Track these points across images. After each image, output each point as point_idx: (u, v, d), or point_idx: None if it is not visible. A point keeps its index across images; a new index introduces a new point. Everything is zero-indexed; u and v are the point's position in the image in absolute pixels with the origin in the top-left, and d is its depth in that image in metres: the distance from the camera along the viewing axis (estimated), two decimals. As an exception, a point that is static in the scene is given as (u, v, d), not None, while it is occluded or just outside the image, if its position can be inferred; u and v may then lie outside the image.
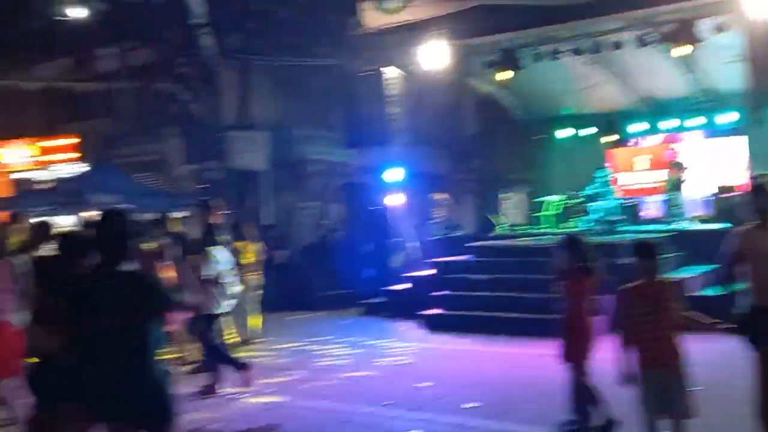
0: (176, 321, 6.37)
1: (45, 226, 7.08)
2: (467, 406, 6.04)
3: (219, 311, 6.76)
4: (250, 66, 17.55)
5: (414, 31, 13.74)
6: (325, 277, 14.29)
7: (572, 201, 15.23)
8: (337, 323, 11.56)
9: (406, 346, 9.34)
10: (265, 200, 18.05)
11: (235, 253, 9.53)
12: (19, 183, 19.04)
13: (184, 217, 10.22)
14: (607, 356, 5.03)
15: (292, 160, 18.72)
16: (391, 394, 6.60)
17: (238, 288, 7.10)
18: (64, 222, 12.09)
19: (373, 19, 13.86)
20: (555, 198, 15.70)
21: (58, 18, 18.30)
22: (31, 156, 19.44)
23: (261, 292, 10.27)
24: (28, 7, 20.50)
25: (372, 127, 14.21)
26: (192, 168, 17.09)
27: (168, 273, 6.65)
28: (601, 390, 4.95)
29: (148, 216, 9.96)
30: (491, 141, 23.48)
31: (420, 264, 13.14)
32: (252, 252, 10.21)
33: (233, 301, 7.19)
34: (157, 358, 3.19)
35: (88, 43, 18.83)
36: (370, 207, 15.16)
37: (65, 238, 4.49)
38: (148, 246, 7.18)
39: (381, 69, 14.09)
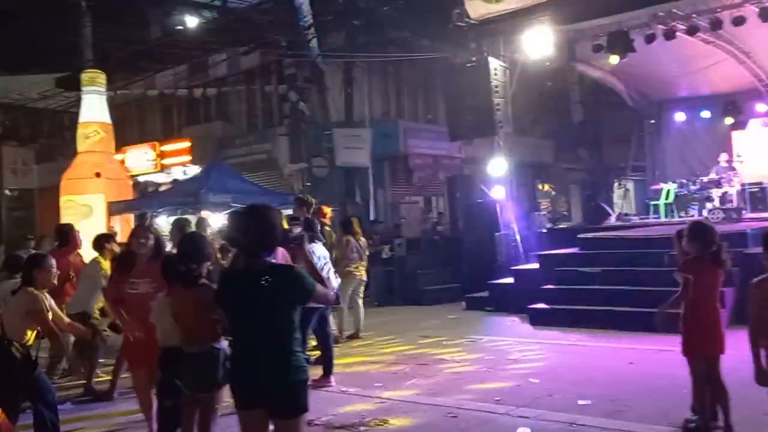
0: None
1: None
2: (580, 403, 5.84)
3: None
4: (354, 63, 17.80)
5: (518, 19, 13.46)
6: (431, 271, 14.31)
7: (689, 188, 14.43)
8: (443, 317, 11.52)
9: (513, 340, 9.17)
10: (371, 195, 18.28)
11: (338, 247, 9.80)
12: (140, 185, 20.24)
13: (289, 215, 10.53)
14: (731, 353, 4.76)
15: (398, 154, 18.86)
16: (499, 390, 6.50)
17: (336, 282, 7.21)
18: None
19: (476, 9, 13.69)
20: (671, 185, 14.91)
21: (174, 28, 19.30)
22: (151, 160, 20.62)
23: (363, 287, 10.35)
24: (148, 20, 21.79)
25: (476, 118, 14.02)
26: (299, 166, 17.55)
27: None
28: (727, 388, 4.66)
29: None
30: (600, 128, 22.73)
31: (526, 257, 12.88)
32: (360, 247, 10.32)
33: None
34: (298, 348, 3.31)
35: (201, 50, 19.75)
36: (475, 199, 15.00)
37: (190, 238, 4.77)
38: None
39: (485, 59, 13.88)
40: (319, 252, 7.02)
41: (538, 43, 13.70)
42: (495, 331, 10.18)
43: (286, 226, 3.92)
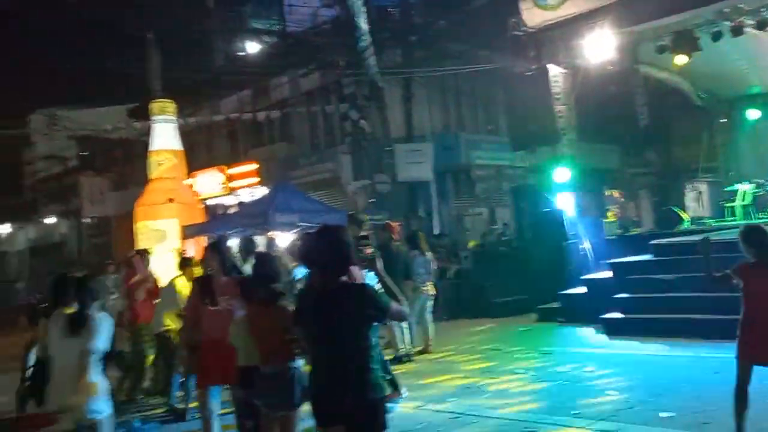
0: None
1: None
2: (662, 415, 5.67)
3: None
4: (413, 79, 17.92)
5: (577, 24, 13.25)
6: (498, 283, 14.15)
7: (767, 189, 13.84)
8: (513, 330, 11.38)
9: (587, 352, 8.98)
10: (434, 209, 18.27)
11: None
12: (210, 209, 20.82)
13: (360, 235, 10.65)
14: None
15: (459, 167, 18.81)
16: (577, 404, 6.37)
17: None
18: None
19: (533, 17, 13.57)
20: (747, 187, 14.32)
21: (237, 54, 19.89)
22: (220, 183, 21.20)
23: (432, 301, 10.31)
24: (211, 48, 22.53)
25: (538, 127, 13.87)
26: (362, 183, 17.72)
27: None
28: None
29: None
30: (668, 130, 22.08)
31: (596, 266, 12.59)
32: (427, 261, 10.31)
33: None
34: (375, 366, 3.36)
35: (264, 74, 20.27)
36: (540, 209, 14.79)
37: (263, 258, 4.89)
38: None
39: (545, 67, 13.73)
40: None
41: (599, 47, 13.43)
42: (569, 342, 9.99)
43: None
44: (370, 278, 6.85)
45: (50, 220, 27.91)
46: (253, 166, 20.49)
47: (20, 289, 25.27)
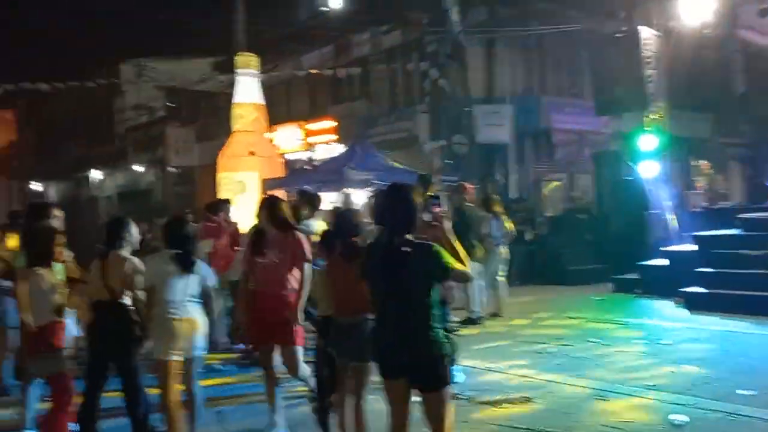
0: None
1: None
2: (741, 393, 5.51)
3: None
4: (496, 38, 17.53)
5: (673, -16, 12.62)
6: (575, 251, 13.92)
7: None
8: (588, 299, 11.21)
9: (666, 325, 8.78)
10: (511, 173, 18.01)
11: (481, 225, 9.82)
12: (289, 163, 21.19)
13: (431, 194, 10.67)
14: None
15: (539, 130, 18.41)
16: (651, 375, 6.26)
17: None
18: (329, 199, 13.23)
19: (626, -24, 13.00)
20: None
21: (320, 9, 19.89)
22: (299, 138, 21.49)
23: (504, 265, 10.25)
24: (296, 2, 22.64)
25: (625, 91, 13.36)
26: (439, 143, 17.60)
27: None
28: None
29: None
30: (765, 99, 20.84)
31: (679, 238, 12.18)
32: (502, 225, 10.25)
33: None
34: (437, 324, 3.40)
35: (346, 30, 20.24)
36: (622, 177, 14.36)
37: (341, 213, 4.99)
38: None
39: (636, 29, 13.15)
40: None
41: (696, 9, 12.80)
42: (645, 314, 9.78)
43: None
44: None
45: (138, 168, 29.05)
46: (332, 123, 20.62)
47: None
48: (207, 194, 16.16)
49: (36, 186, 36.60)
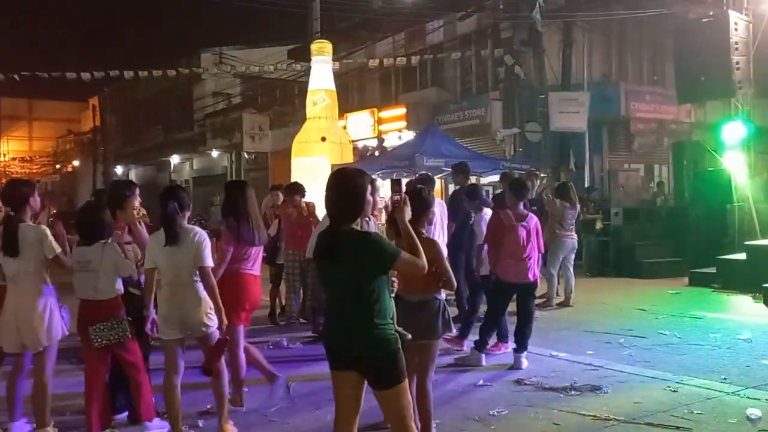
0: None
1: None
2: (823, 391, 5.26)
3: None
4: (574, 23, 17.09)
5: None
6: (650, 243, 13.52)
7: None
8: (663, 292, 10.87)
9: (743, 320, 8.44)
10: (586, 162, 17.57)
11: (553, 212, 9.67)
12: (359, 150, 21.35)
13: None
14: None
15: (617, 119, 17.89)
16: (725, 369, 6.04)
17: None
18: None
19: (714, -42, 12.43)
20: None
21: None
22: (370, 125, 21.61)
23: (573, 254, 10.07)
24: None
25: (709, 79, 12.79)
26: (512, 131, 17.34)
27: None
28: None
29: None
30: None
31: (762, 232, 11.64)
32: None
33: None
34: (382, 319, 3.18)
35: (420, 17, 20.17)
36: (704, 168, 13.81)
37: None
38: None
39: (725, 13, 12.57)
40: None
41: (790, -9, 12.10)
42: (722, 308, 9.42)
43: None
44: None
45: (214, 153, 29.89)
46: (403, 110, 20.63)
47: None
48: (280, 179, 16.44)
49: (118, 170, 38.21)
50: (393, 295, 4.45)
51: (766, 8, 13.07)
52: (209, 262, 4.49)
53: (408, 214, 3.50)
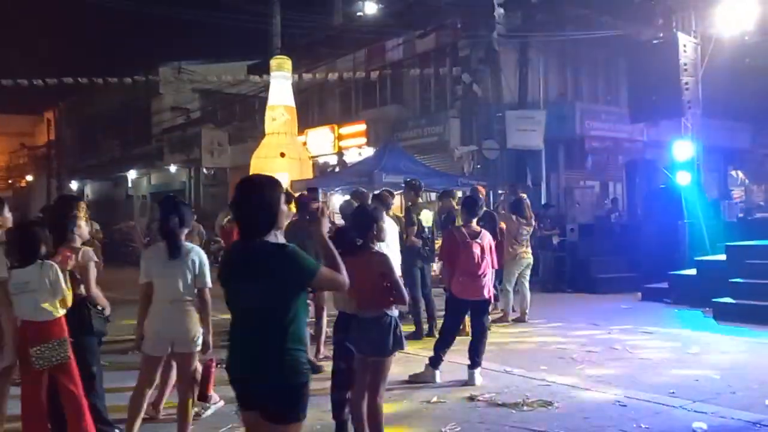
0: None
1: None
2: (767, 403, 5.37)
3: None
4: (530, 44, 17.41)
5: (712, -10, 12.41)
6: (604, 258, 13.75)
7: None
8: (615, 307, 11.04)
9: (693, 334, 8.61)
10: (543, 179, 17.84)
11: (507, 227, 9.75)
12: (319, 166, 21.30)
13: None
14: None
15: (573, 137, 18.22)
16: (674, 383, 6.13)
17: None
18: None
19: (663, -18, 12.81)
20: None
21: (355, 15, 20.02)
22: (330, 141, 21.60)
23: (529, 270, 10.15)
24: (332, 7, 22.81)
25: (660, 99, 13.16)
26: (470, 148, 17.52)
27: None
28: None
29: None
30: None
31: (712, 248, 11.95)
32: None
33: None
34: (293, 345, 2.86)
35: (380, 34, 20.31)
36: (656, 185, 14.14)
37: None
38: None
39: (674, 35, 12.96)
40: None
41: (736, 16, 12.55)
42: (673, 323, 9.59)
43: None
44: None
45: (173, 168, 29.49)
46: (362, 127, 20.69)
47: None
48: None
49: (73, 184, 37.38)
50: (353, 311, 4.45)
51: (714, 31, 13.53)
52: (210, 283, 4.49)
53: (326, 225, 3.21)
